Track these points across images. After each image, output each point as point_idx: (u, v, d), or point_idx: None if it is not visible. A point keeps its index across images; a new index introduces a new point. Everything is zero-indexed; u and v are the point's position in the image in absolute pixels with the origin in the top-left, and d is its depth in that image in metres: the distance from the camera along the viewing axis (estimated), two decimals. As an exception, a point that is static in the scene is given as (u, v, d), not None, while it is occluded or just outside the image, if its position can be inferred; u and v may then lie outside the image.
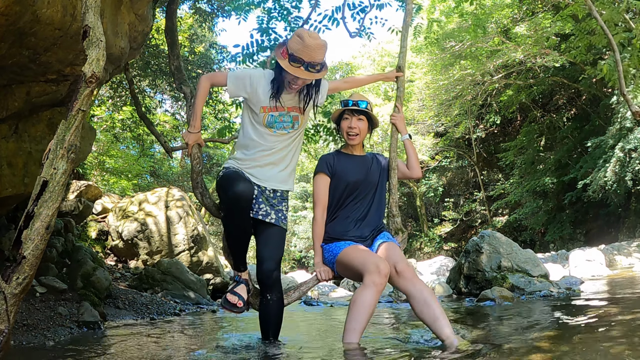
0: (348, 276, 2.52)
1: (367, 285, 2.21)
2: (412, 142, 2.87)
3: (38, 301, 3.65)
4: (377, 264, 2.23)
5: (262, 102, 2.45)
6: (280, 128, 2.49)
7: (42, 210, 1.69)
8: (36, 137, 3.44)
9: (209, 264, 7.76)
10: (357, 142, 2.68)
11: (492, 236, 5.94)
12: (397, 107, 2.96)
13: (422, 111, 20.00)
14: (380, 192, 2.71)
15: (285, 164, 2.58)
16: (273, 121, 2.47)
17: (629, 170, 12.48)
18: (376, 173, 2.71)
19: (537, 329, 2.67)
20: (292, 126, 2.52)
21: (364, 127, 2.67)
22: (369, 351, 2.14)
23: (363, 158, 2.73)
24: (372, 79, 3.38)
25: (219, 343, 2.82)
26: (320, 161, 2.68)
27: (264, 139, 2.50)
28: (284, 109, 2.48)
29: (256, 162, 2.51)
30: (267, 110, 2.46)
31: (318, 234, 2.58)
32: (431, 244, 21.73)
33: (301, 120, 2.55)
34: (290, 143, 2.58)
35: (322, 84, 2.62)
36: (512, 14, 15.22)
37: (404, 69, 3.03)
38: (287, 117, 2.49)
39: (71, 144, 1.73)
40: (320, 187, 2.62)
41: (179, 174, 17.87)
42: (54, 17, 2.35)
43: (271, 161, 2.52)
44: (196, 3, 8.59)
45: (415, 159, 2.84)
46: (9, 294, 1.65)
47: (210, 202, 2.74)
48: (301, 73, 2.31)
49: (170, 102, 13.92)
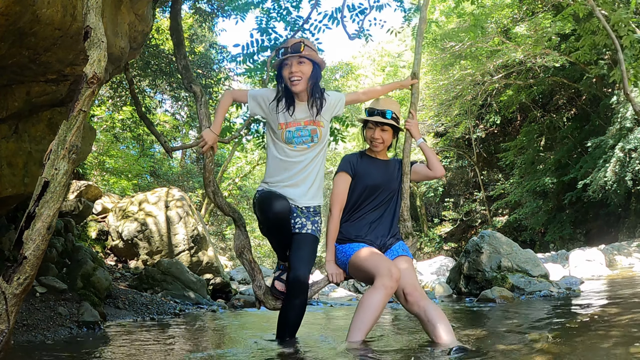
0: (359, 278, 2.53)
1: (378, 287, 2.23)
2: (427, 144, 2.86)
3: (38, 301, 3.65)
4: (389, 268, 2.25)
5: (279, 119, 2.52)
6: (300, 143, 2.51)
7: (43, 211, 1.69)
8: (36, 137, 3.44)
9: (209, 264, 7.76)
10: (381, 149, 2.70)
11: (492, 236, 5.95)
12: (411, 113, 2.96)
13: (422, 111, 19.98)
14: (395, 202, 2.72)
15: (311, 181, 2.58)
16: (291, 137, 2.50)
17: (629, 170, 12.48)
18: (398, 179, 2.72)
19: (537, 329, 2.68)
20: (311, 140, 2.53)
21: (388, 137, 2.66)
22: (370, 351, 2.14)
23: (386, 163, 2.74)
24: (389, 88, 3.35)
25: (218, 343, 2.82)
26: (343, 160, 2.69)
27: (287, 154, 2.53)
28: (300, 123, 2.50)
29: (284, 182, 2.54)
30: (284, 126, 2.51)
31: (333, 232, 2.58)
32: (431, 244, 21.73)
33: (320, 133, 2.54)
34: (313, 158, 2.57)
35: (337, 96, 2.66)
36: (512, 14, 15.22)
37: (419, 75, 3.06)
38: (304, 132, 2.51)
39: (72, 144, 1.74)
40: (341, 186, 2.62)
41: (179, 174, 17.86)
42: (54, 17, 2.35)
43: (298, 181, 2.54)
44: (196, 3, 8.58)
45: (435, 158, 2.80)
46: (10, 294, 1.65)
47: (222, 200, 2.75)
48: (290, 59, 2.45)
49: (170, 102, 13.93)
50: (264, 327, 3.46)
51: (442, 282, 6.66)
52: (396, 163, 2.79)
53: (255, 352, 2.40)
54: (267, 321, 3.68)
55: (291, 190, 2.53)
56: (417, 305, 2.28)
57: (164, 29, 9.20)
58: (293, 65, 2.44)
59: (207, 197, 2.84)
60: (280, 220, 2.37)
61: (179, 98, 11.43)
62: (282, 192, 2.51)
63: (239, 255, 2.68)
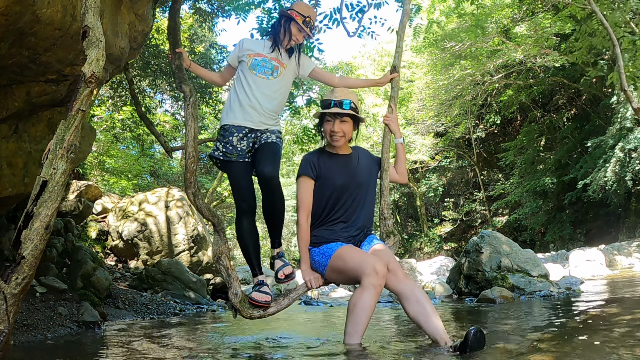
0: (340, 280, 2.43)
1: (366, 287, 2.17)
2: (404, 146, 2.76)
3: (38, 301, 3.65)
4: (373, 265, 2.17)
5: (249, 51, 2.71)
6: (261, 72, 2.64)
7: (42, 211, 1.68)
8: (36, 137, 3.44)
9: (209, 264, 7.76)
10: (342, 143, 2.53)
11: (492, 236, 5.94)
12: (390, 107, 2.82)
13: (422, 111, 19.99)
14: (369, 191, 2.60)
15: (272, 106, 2.65)
16: (256, 64, 2.66)
17: (629, 170, 12.48)
18: (364, 172, 2.58)
19: (537, 329, 2.67)
20: (271, 73, 2.65)
21: (349, 128, 2.51)
22: (370, 352, 2.14)
23: (348, 157, 2.59)
24: (366, 83, 3.33)
25: (218, 343, 2.81)
26: (303, 162, 2.56)
27: (247, 81, 2.65)
28: (266, 56, 2.67)
29: (246, 103, 2.63)
30: (251, 55, 2.69)
31: (304, 239, 2.47)
32: (431, 244, 21.72)
33: (280, 72, 2.67)
34: (272, 92, 2.66)
35: (309, 61, 2.84)
36: (512, 14, 15.21)
37: (399, 69, 2.97)
38: (268, 64, 2.66)
39: (71, 144, 1.73)
40: (305, 192, 2.49)
41: (179, 174, 17.83)
42: (54, 17, 2.35)
43: (256, 105, 2.62)
44: (196, 3, 8.58)
45: (404, 164, 2.73)
46: (9, 294, 1.65)
47: (202, 203, 2.69)
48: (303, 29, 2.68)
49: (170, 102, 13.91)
50: (264, 327, 3.46)
51: (442, 282, 6.66)
52: (357, 153, 2.64)
53: (254, 352, 2.39)
54: (267, 321, 3.68)
55: (253, 112, 2.61)
56: (402, 282, 2.21)
57: (164, 29, 9.19)
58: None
59: (187, 198, 2.83)
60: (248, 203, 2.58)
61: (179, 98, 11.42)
62: (243, 114, 2.60)
63: (216, 260, 2.59)
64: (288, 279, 2.55)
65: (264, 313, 2.46)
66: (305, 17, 2.68)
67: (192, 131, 2.70)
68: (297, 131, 13.96)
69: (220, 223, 2.72)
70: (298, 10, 2.69)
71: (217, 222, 2.72)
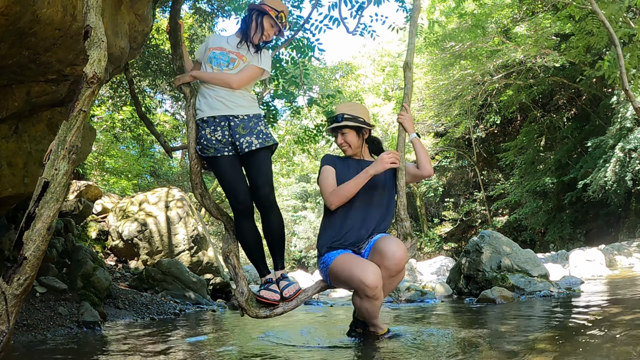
0: (345, 288, 2.54)
1: (362, 297, 2.31)
2: (420, 140, 2.79)
3: (38, 301, 3.65)
4: (360, 279, 2.23)
5: (210, 45, 2.75)
6: (217, 65, 2.67)
7: (43, 211, 1.69)
8: (36, 137, 3.44)
9: (209, 264, 7.76)
10: (350, 152, 2.70)
11: (492, 236, 5.94)
12: (404, 107, 2.88)
13: (422, 111, 19.99)
14: (385, 193, 2.64)
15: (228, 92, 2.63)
16: (213, 57, 2.69)
17: (629, 170, 12.48)
18: (381, 176, 2.60)
19: (537, 329, 2.67)
20: (227, 65, 2.66)
21: (352, 138, 2.66)
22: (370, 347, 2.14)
23: (362, 162, 2.69)
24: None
25: (217, 343, 2.81)
26: (325, 157, 2.73)
27: None
28: (224, 49, 2.69)
29: (204, 97, 2.66)
30: (211, 49, 2.72)
31: (345, 188, 2.52)
32: (431, 244, 21.72)
33: (238, 64, 2.66)
34: None
35: (268, 61, 2.80)
36: (512, 14, 15.22)
37: (412, 65, 2.97)
38: (225, 57, 2.67)
39: (72, 144, 1.73)
40: (329, 177, 2.61)
41: (179, 174, 17.84)
42: (54, 17, 2.35)
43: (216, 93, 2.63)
44: (196, 3, 8.58)
45: (426, 157, 2.73)
46: (10, 295, 1.65)
47: (210, 203, 2.72)
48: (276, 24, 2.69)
49: (170, 102, 13.92)
50: (263, 327, 3.46)
51: (442, 282, 6.66)
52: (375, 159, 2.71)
53: (254, 352, 2.39)
54: (267, 321, 3.68)
55: (216, 101, 2.62)
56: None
57: (164, 29, 9.20)
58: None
59: (195, 198, 2.84)
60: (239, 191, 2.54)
61: (179, 98, 11.43)
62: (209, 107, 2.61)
63: (225, 259, 2.63)
64: (294, 295, 2.53)
65: (271, 313, 2.46)
66: (279, 12, 2.68)
67: (194, 132, 2.70)
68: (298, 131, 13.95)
69: (229, 222, 2.72)
70: (271, 4, 2.68)
71: (227, 220, 2.73)
